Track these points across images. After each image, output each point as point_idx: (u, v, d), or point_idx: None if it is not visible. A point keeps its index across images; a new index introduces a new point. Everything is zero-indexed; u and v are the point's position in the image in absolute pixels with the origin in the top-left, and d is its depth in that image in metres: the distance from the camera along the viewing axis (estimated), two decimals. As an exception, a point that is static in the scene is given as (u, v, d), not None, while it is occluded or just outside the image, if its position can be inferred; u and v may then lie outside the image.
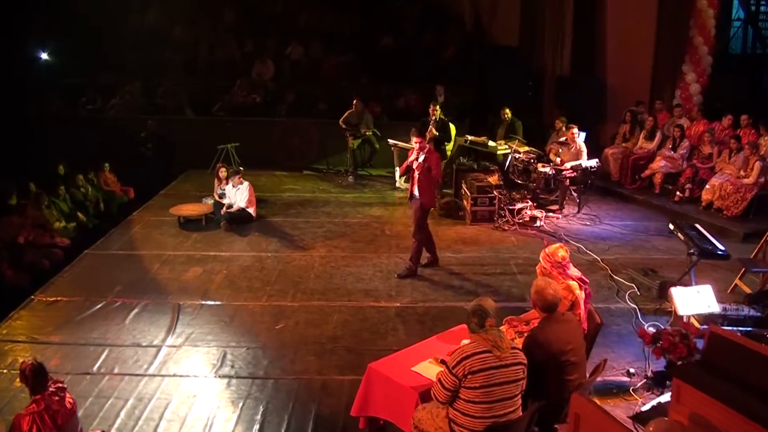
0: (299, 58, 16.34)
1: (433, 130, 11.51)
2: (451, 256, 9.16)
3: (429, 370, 4.98)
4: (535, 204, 11.03)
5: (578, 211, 11.22)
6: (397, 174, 12.99)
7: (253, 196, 10.54)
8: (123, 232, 10.19)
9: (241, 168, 12.17)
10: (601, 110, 14.24)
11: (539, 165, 11.30)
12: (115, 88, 15.16)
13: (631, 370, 6.30)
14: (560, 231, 10.31)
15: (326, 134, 14.16)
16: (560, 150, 11.32)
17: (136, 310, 7.45)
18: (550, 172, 11.21)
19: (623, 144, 13.03)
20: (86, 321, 7.21)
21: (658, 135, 12.42)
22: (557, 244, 5.71)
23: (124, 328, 7.05)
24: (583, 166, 11.12)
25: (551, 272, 5.48)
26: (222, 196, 10.87)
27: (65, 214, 10.84)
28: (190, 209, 10.57)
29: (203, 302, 7.69)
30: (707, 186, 10.97)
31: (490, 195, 10.58)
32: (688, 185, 11.44)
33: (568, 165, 11.15)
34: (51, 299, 7.74)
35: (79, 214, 11.04)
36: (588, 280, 5.74)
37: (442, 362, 4.90)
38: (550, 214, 11.01)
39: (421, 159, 8.21)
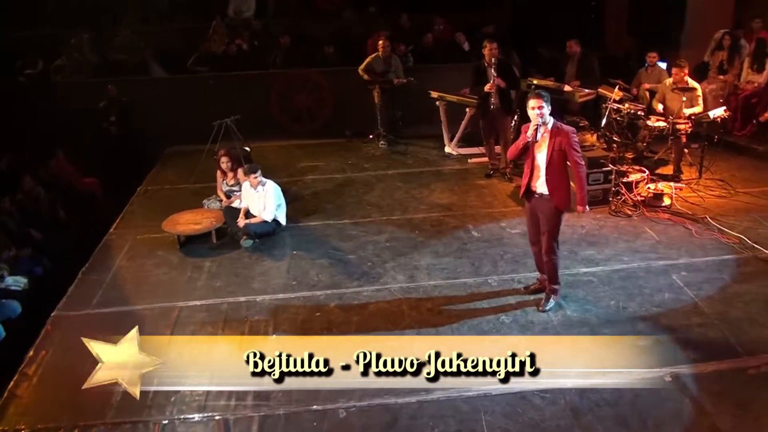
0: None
1: (499, 79, 8.47)
2: (585, 270, 6.37)
3: None
4: (648, 173, 8.28)
5: (699, 177, 8.55)
6: (446, 136, 10.04)
7: (281, 199, 7.42)
8: (102, 267, 6.92)
9: (248, 148, 9.16)
10: (679, 34, 11.36)
11: (653, 118, 8.49)
12: (59, 43, 11.70)
13: None
14: (695, 209, 7.70)
15: (340, 87, 11.03)
16: (683, 98, 8.39)
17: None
18: (666, 127, 8.41)
19: (720, 77, 10.30)
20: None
21: (768, 63, 9.75)
22: None
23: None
24: (711, 116, 8.37)
25: None
26: (230, 194, 7.84)
27: (13, 235, 7.70)
28: (191, 222, 7.35)
29: (266, 414, 4.64)
30: None
31: (605, 169, 7.75)
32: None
33: (686, 112, 8.38)
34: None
35: (32, 232, 7.89)
36: None
37: None
38: (673, 184, 8.24)
39: (539, 136, 5.34)
